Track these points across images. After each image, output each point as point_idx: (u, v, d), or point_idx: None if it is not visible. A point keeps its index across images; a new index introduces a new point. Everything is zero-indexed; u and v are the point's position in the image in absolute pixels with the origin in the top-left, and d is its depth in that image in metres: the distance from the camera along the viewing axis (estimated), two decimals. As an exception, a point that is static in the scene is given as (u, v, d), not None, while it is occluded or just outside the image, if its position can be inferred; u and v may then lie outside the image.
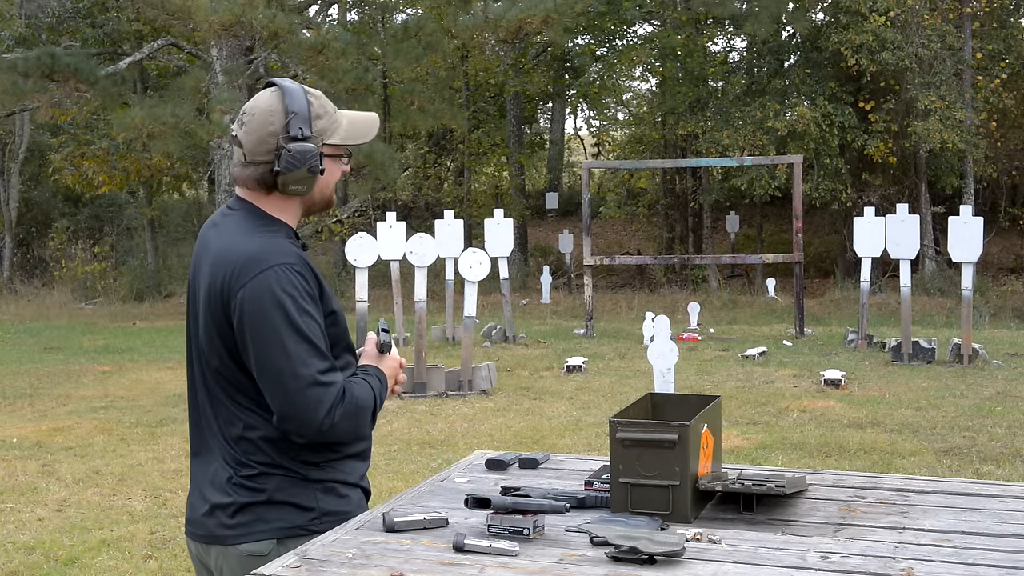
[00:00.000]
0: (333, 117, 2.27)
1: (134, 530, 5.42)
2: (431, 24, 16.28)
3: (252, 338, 2.11)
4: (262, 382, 2.13)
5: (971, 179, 19.87)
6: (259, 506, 2.17)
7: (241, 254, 2.15)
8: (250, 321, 2.11)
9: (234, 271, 2.14)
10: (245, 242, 2.18)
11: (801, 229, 13.43)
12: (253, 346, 2.11)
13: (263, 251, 2.15)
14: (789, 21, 21.51)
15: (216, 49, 16.22)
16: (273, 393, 2.12)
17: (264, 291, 2.10)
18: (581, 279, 16.93)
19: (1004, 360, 10.86)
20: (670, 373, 7.47)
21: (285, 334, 2.10)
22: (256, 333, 2.11)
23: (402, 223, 12.12)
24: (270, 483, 2.17)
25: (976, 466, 6.53)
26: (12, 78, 14.93)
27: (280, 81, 2.25)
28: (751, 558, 1.88)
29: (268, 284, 2.11)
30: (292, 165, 2.17)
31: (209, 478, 2.22)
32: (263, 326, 2.10)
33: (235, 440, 2.19)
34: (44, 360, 12.35)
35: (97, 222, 25.21)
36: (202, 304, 2.21)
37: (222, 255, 2.18)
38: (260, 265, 2.13)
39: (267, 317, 2.10)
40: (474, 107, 25.27)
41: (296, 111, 2.19)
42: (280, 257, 2.15)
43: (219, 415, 2.22)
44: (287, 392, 2.10)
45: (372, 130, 2.32)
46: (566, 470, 2.60)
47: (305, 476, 2.19)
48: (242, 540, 2.16)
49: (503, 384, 9.82)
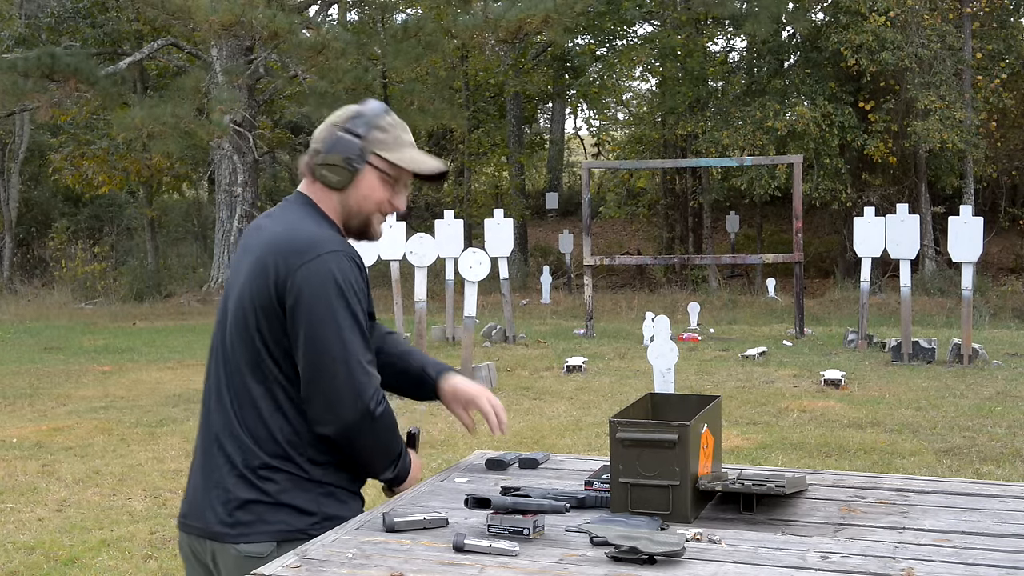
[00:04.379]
0: (398, 138, 2.30)
1: (134, 530, 5.42)
2: (431, 24, 16.28)
3: (307, 319, 2.13)
4: (309, 364, 2.14)
5: (971, 179, 19.88)
6: (260, 505, 2.16)
7: (301, 236, 2.19)
8: (308, 302, 2.13)
9: (293, 252, 2.16)
10: (303, 227, 2.22)
11: (801, 229, 13.43)
12: (307, 327, 2.13)
13: (323, 236, 2.20)
14: (789, 21, 21.52)
15: (216, 49, 16.23)
16: (320, 376, 2.13)
17: (324, 273, 2.13)
18: (581, 279, 16.94)
19: (1004, 360, 10.86)
20: (670, 373, 7.47)
21: (341, 318, 2.13)
22: (312, 315, 2.12)
23: (402, 223, 12.12)
24: (276, 479, 2.16)
25: (976, 466, 6.53)
26: (12, 78, 14.94)
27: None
28: (751, 558, 1.88)
29: (328, 267, 2.14)
30: (331, 148, 2.24)
31: (211, 470, 2.21)
32: (320, 307, 2.12)
33: (247, 431, 2.18)
34: (44, 360, 12.35)
35: (97, 222, 25.22)
36: (243, 287, 2.21)
37: (278, 237, 2.21)
38: (320, 248, 2.16)
39: (325, 299, 2.13)
40: (474, 107, 25.27)
41: (364, 114, 2.27)
42: (339, 244, 2.19)
43: (236, 405, 2.21)
44: (336, 376, 2.12)
45: (427, 166, 2.31)
46: (566, 470, 2.60)
47: (309, 476, 2.19)
48: (241, 540, 2.16)
49: (503, 384, 9.82)
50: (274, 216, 2.31)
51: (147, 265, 22.40)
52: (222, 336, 2.27)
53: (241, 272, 2.25)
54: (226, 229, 19.72)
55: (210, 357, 2.31)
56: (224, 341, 2.25)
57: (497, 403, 2.50)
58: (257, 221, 2.37)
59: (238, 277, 2.26)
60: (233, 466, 2.18)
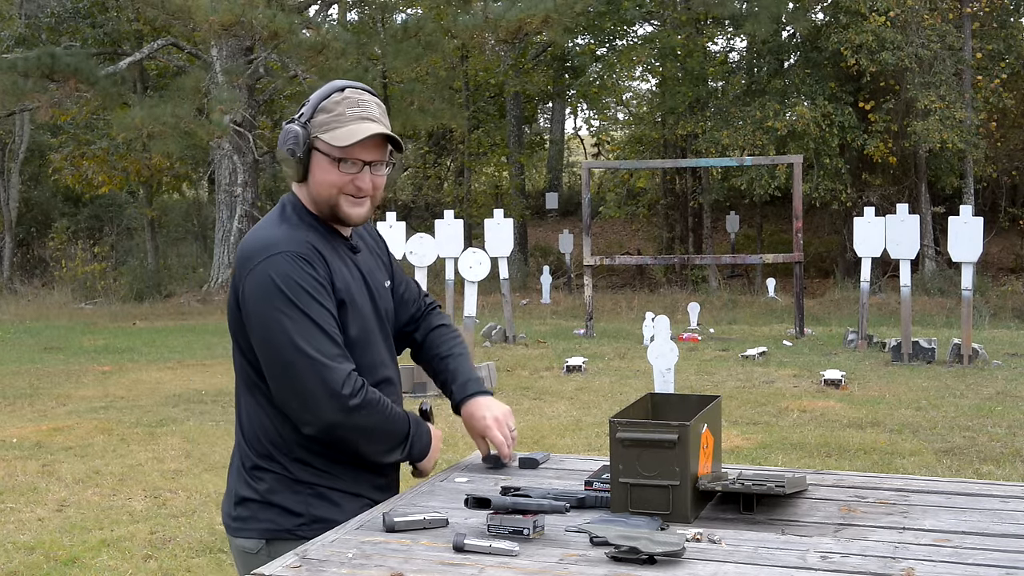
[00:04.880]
0: (341, 115, 2.20)
1: (134, 530, 5.42)
2: (431, 24, 16.29)
3: (256, 326, 2.16)
4: (267, 368, 2.17)
5: (971, 179, 19.88)
6: (254, 503, 2.24)
7: (250, 244, 2.23)
8: (253, 310, 2.16)
9: (242, 260, 2.21)
10: (259, 232, 2.26)
11: (801, 229, 13.43)
12: (258, 334, 2.16)
13: (270, 239, 2.20)
14: (789, 21, 21.52)
15: (216, 49, 16.23)
16: (283, 380, 2.15)
17: (263, 279, 2.15)
18: (581, 279, 16.93)
19: (1004, 360, 10.86)
20: (670, 373, 7.47)
21: (287, 320, 2.12)
22: (260, 321, 2.15)
23: (402, 223, 12.12)
24: (264, 479, 2.23)
25: (976, 466, 6.53)
26: (12, 78, 14.94)
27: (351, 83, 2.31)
28: (751, 558, 1.88)
29: (267, 272, 2.15)
30: (281, 143, 2.24)
31: (230, 468, 2.35)
32: (265, 314, 2.14)
33: (245, 431, 2.28)
34: (44, 360, 12.35)
35: (97, 222, 25.22)
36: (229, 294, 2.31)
37: (241, 245, 2.26)
38: (262, 254, 2.18)
39: (268, 305, 2.14)
40: (474, 107, 25.27)
41: (311, 100, 2.24)
42: (285, 244, 2.17)
43: (238, 407, 2.32)
44: (297, 378, 2.12)
45: (355, 137, 2.19)
46: (566, 470, 2.60)
47: (295, 476, 2.22)
48: (238, 534, 2.26)
49: (503, 384, 9.82)
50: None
51: (147, 265, 22.40)
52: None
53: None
54: (226, 229, 19.72)
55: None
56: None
57: (507, 432, 2.53)
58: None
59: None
60: (238, 465, 2.30)
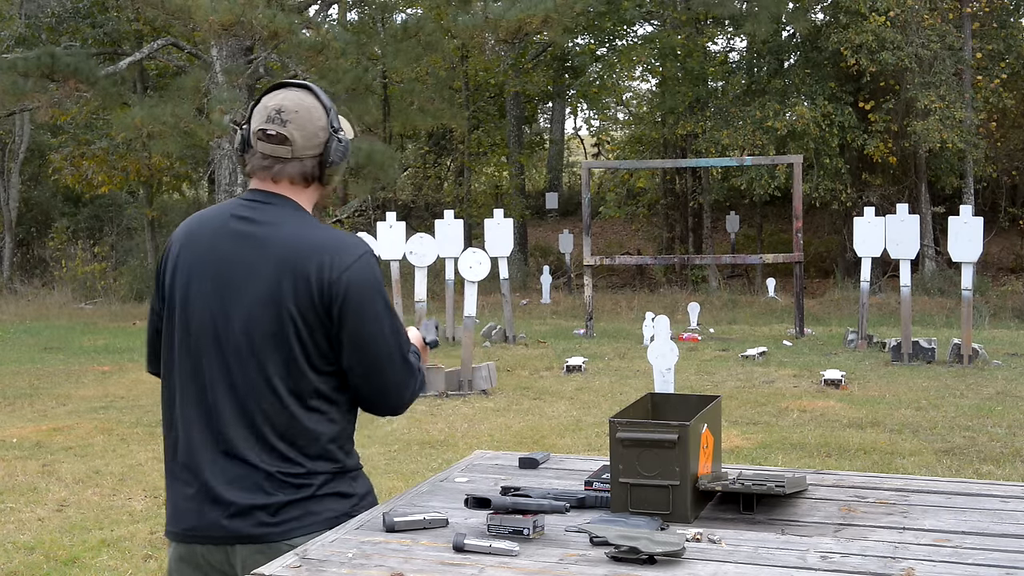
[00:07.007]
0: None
1: (134, 530, 5.42)
2: (431, 24, 16.26)
3: (360, 320, 2.16)
4: (365, 362, 2.18)
5: (971, 179, 19.88)
6: (306, 501, 2.17)
7: (330, 240, 2.19)
8: (358, 304, 2.16)
9: (331, 256, 2.15)
10: (321, 230, 2.22)
11: (801, 229, 13.43)
12: (362, 327, 2.16)
13: (351, 238, 2.23)
14: (789, 21, 21.51)
15: (216, 49, 16.21)
16: (376, 371, 2.19)
17: (368, 274, 2.18)
18: (581, 279, 16.93)
19: (1004, 360, 10.86)
20: (670, 373, 7.47)
21: (388, 315, 2.20)
22: (365, 315, 2.16)
23: (402, 223, 12.13)
24: (315, 480, 2.18)
25: (976, 466, 6.53)
26: (12, 78, 14.92)
27: (296, 82, 2.28)
28: (751, 558, 1.88)
29: (370, 267, 2.19)
30: (341, 156, 2.24)
31: (230, 479, 2.16)
32: (371, 308, 2.17)
33: (281, 437, 2.16)
34: (44, 360, 12.35)
35: (97, 222, 25.21)
36: (258, 297, 2.15)
37: (298, 242, 2.17)
38: (357, 250, 2.19)
39: (374, 299, 2.18)
40: (474, 107, 25.27)
41: (330, 107, 2.26)
42: (366, 244, 2.23)
43: (260, 413, 2.16)
44: (392, 369, 2.20)
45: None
46: (566, 470, 2.60)
47: (344, 465, 2.24)
48: (293, 535, 2.15)
49: (503, 384, 9.82)
50: (258, 221, 2.21)
51: (147, 265, 22.38)
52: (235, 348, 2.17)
53: (247, 283, 2.17)
54: (226, 229, 19.64)
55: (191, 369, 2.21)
56: (235, 353, 2.17)
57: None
58: (227, 223, 2.23)
59: (241, 289, 2.17)
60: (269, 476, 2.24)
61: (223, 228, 2.23)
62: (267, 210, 2.22)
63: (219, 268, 2.21)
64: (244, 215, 2.23)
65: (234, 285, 2.18)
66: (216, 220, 2.26)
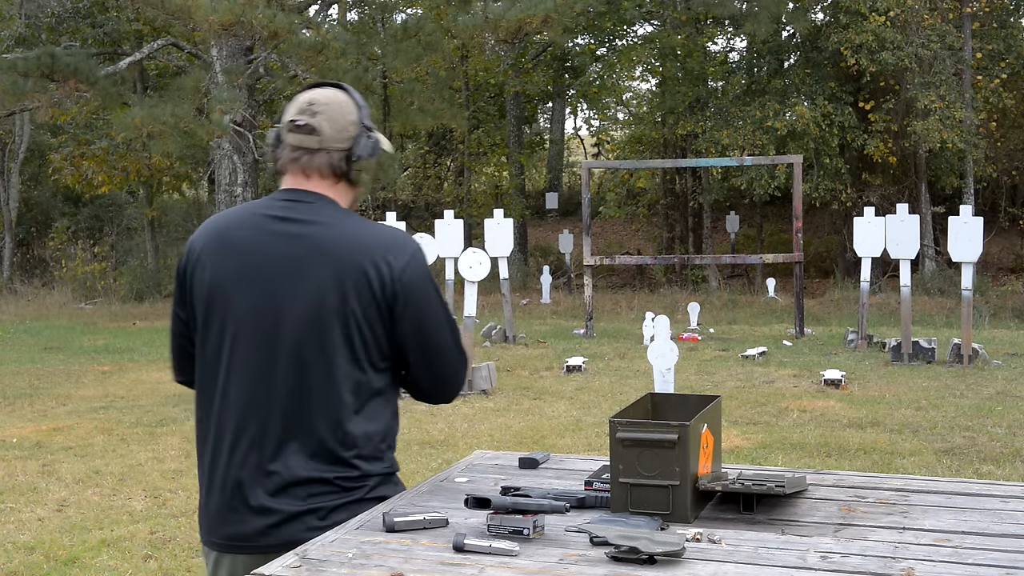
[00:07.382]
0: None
1: (134, 530, 5.42)
2: (431, 24, 16.26)
3: (422, 315, 2.19)
4: (427, 354, 2.21)
5: (971, 179, 19.88)
6: (355, 504, 2.17)
7: (383, 238, 2.19)
8: (418, 300, 2.18)
9: (388, 255, 2.15)
10: (371, 227, 2.22)
11: (801, 229, 13.43)
12: (424, 322, 2.19)
13: (400, 234, 2.23)
14: (789, 21, 21.51)
15: (216, 49, 16.21)
16: (436, 364, 2.24)
17: (424, 270, 2.20)
18: (581, 279, 16.93)
19: (1004, 360, 10.86)
20: (670, 373, 7.47)
21: (442, 306, 2.25)
22: (425, 310, 2.19)
23: (402, 223, 12.13)
24: (370, 481, 2.19)
25: (976, 466, 6.53)
26: (12, 78, 14.92)
27: (331, 82, 2.30)
28: (751, 558, 1.88)
29: (424, 262, 2.22)
30: (370, 152, 2.24)
31: (280, 487, 2.13)
32: (431, 302, 2.21)
33: (341, 442, 2.14)
34: (44, 360, 12.35)
35: (97, 222, 25.21)
36: (316, 298, 2.11)
37: (352, 240, 2.15)
38: (410, 245, 2.21)
39: (430, 293, 2.21)
40: (474, 107, 25.27)
41: (363, 106, 2.26)
42: (414, 239, 2.25)
43: (320, 417, 2.13)
44: (451, 361, 2.25)
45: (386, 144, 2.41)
46: (566, 470, 2.60)
47: (392, 466, 2.27)
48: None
49: (503, 384, 9.82)
50: (315, 221, 2.16)
51: (147, 265, 22.39)
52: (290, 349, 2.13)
53: (301, 284, 2.12)
54: (226, 229, 19.64)
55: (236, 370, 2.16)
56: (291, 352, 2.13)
57: None
58: (277, 228, 2.17)
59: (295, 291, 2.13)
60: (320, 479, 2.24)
61: (261, 229, 2.18)
62: (307, 209, 2.18)
63: (266, 271, 2.15)
64: (282, 215, 2.18)
65: (286, 287, 2.14)
66: (248, 221, 2.21)
